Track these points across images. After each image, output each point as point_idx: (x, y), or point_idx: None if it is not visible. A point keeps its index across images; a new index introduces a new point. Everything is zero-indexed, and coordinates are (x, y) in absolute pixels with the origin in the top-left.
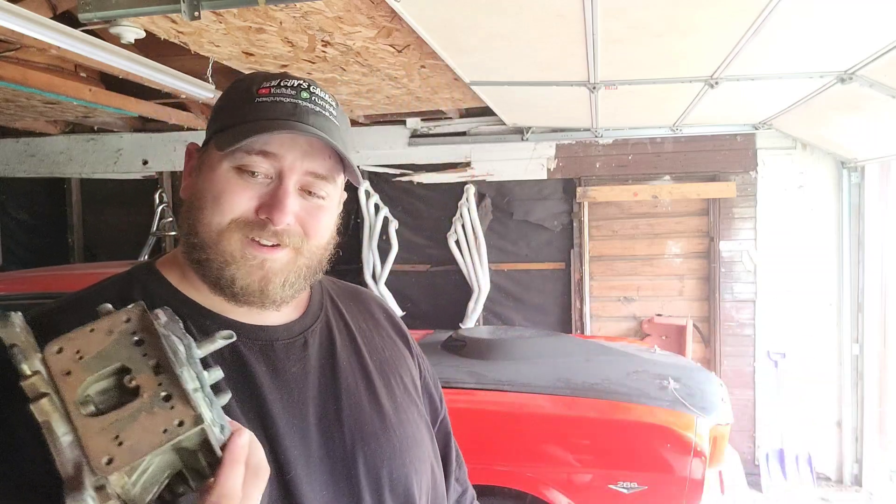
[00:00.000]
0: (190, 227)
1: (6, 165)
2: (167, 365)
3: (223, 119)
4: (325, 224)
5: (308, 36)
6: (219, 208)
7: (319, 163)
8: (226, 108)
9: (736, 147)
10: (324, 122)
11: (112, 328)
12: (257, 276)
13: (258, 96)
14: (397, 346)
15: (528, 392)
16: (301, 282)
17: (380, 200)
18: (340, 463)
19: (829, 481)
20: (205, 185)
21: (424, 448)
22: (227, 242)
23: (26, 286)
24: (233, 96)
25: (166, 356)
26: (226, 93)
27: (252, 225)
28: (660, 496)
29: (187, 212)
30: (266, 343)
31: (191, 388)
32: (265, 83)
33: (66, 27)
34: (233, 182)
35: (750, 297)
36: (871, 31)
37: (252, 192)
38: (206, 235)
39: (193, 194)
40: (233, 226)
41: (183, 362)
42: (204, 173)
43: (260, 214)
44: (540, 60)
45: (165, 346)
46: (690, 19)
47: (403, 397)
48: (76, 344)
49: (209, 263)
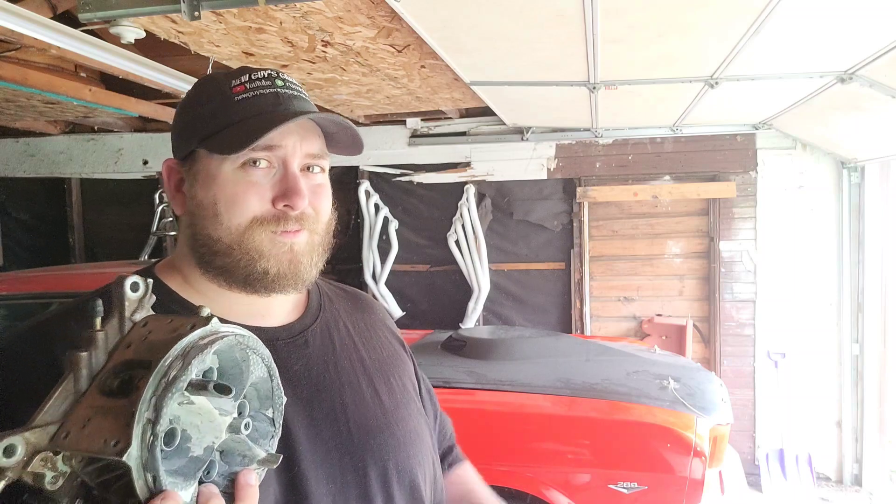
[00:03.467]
0: (206, 237)
1: (6, 165)
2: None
3: (207, 125)
4: (326, 200)
5: (308, 36)
6: (237, 210)
7: (314, 143)
8: (205, 115)
9: (736, 147)
10: (304, 104)
11: (177, 328)
12: (287, 260)
13: (235, 94)
14: (394, 347)
15: (528, 392)
16: (321, 259)
17: (380, 200)
18: (348, 456)
19: (829, 481)
20: (211, 192)
21: (426, 443)
22: (253, 239)
23: (26, 286)
24: (206, 101)
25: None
26: (193, 101)
27: (276, 219)
28: (660, 496)
29: (194, 224)
30: (267, 343)
31: (145, 417)
32: (234, 81)
33: (66, 27)
34: (242, 182)
35: (750, 297)
36: (871, 31)
37: (262, 186)
38: (230, 239)
39: (198, 206)
40: (255, 223)
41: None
42: (203, 182)
43: (277, 204)
44: (540, 60)
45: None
46: (690, 19)
47: (403, 394)
48: (154, 326)
49: (237, 264)
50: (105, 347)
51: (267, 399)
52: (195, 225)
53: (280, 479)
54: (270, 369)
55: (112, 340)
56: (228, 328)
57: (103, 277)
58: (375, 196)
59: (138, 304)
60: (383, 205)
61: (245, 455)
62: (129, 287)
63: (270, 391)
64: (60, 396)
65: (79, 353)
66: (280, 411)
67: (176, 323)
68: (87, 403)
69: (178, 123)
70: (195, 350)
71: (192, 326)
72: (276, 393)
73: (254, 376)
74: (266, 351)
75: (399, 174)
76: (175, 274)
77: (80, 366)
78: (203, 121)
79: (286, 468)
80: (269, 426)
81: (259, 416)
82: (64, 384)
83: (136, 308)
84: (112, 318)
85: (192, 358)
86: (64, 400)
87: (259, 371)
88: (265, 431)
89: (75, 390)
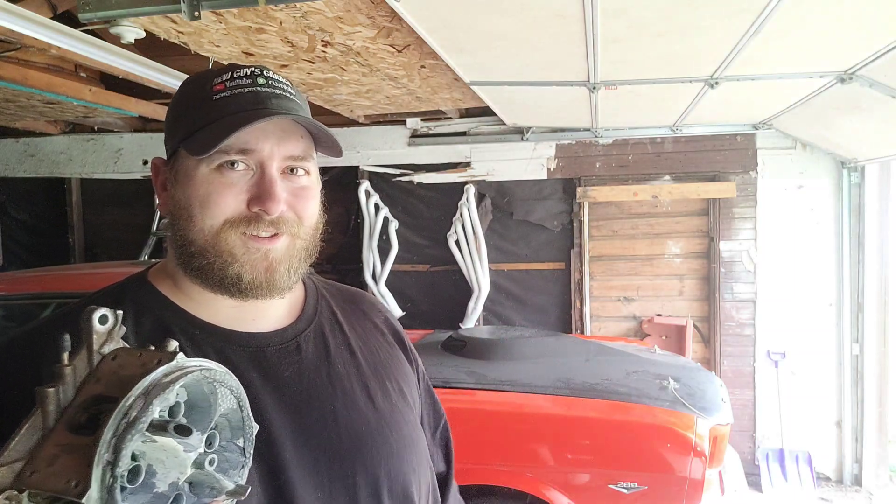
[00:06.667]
0: (182, 238)
1: (6, 165)
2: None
3: (186, 125)
4: (312, 204)
5: (308, 36)
6: (209, 211)
7: (294, 144)
8: (185, 114)
9: (736, 147)
10: (287, 103)
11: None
12: (262, 268)
13: (215, 93)
14: (394, 349)
15: (528, 392)
16: (303, 265)
17: (380, 200)
18: (337, 464)
19: (829, 481)
20: (187, 193)
21: (421, 450)
22: (226, 242)
23: (26, 286)
24: (187, 100)
25: (119, 417)
26: (177, 99)
27: (248, 220)
28: (660, 496)
29: (174, 225)
30: (257, 349)
31: (105, 459)
32: (216, 79)
33: (66, 27)
34: (216, 183)
35: (750, 297)
36: (871, 31)
37: (238, 187)
38: (203, 241)
39: (176, 206)
40: (227, 225)
41: (132, 434)
42: (182, 183)
43: (252, 208)
44: (540, 60)
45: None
46: (690, 19)
47: (399, 399)
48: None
49: (210, 267)
50: (73, 382)
51: (238, 429)
52: (175, 225)
53: (266, 488)
54: (241, 400)
55: (80, 374)
56: (194, 363)
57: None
58: (375, 196)
59: (107, 336)
60: (383, 205)
61: (213, 487)
62: (98, 320)
63: (241, 420)
64: (28, 432)
65: (46, 388)
66: (251, 441)
67: (145, 357)
68: (54, 440)
69: (166, 122)
70: (157, 388)
71: (157, 362)
72: (246, 423)
73: (223, 408)
74: (235, 382)
75: (399, 174)
76: (166, 278)
77: (47, 401)
78: (183, 120)
79: (272, 477)
80: (239, 456)
81: (230, 445)
82: (32, 420)
83: (104, 340)
84: (80, 351)
85: (154, 397)
86: (31, 436)
87: (228, 402)
88: (235, 462)
89: (43, 426)
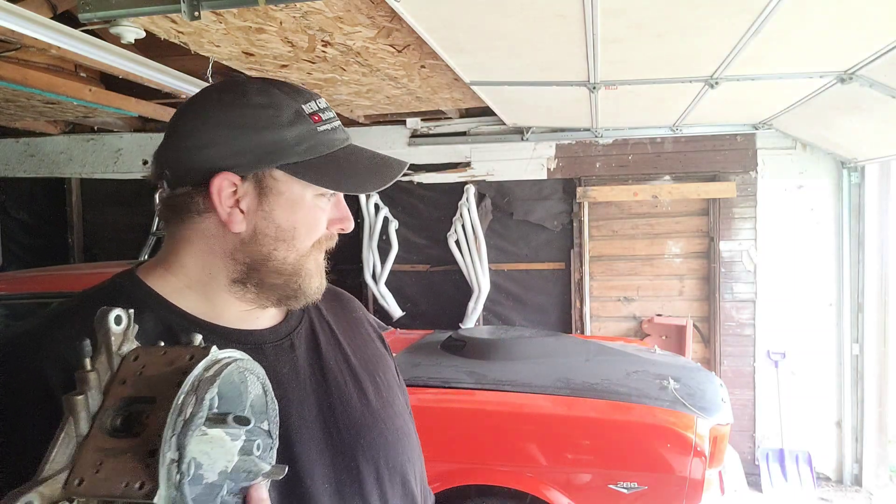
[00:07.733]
0: (266, 257)
1: (6, 165)
2: (174, 424)
3: (293, 150)
4: None
5: (308, 36)
6: (312, 235)
7: None
8: (290, 139)
9: (736, 147)
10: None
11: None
12: (321, 278)
13: (314, 123)
14: (376, 344)
15: (528, 392)
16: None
17: (380, 200)
18: (340, 456)
19: (829, 481)
20: (294, 217)
21: (413, 440)
22: (308, 261)
23: (26, 286)
24: (288, 124)
25: (175, 415)
26: (266, 118)
27: (325, 239)
28: (660, 496)
29: (256, 242)
30: (256, 346)
31: (169, 457)
32: (306, 107)
33: (66, 27)
34: (319, 210)
35: (750, 297)
36: (871, 31)
37: (327, 212)
38: (294, 260)
39: (277, 227)
40: (314, 246)
41: (192, 430)
42: (284, 206)
43: (332, 228)
44: (540, 60)
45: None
46: (690, 19)
47: (388, 392)
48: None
49: (287, 283)
50: (99, 386)
51: (262, 413)
52: (257, 243)
53: (278, 483)
54: (265, 385)
55: (103, 377)
56: (226, 354)
57: (103, 278)
58: (375, 196)
59: (123, 336)
60: (383, 205)
61: (250, 471)
62: (113, 321)
63: (265, 405)
64: (63, 442)
65: (75, 396)
66: (275, 423)
67: (171, 355)
68: (93, 446)
69: (240, 137)
70: (204, 383)
71: (191, 357)
72: (270, 406)
73: (251, 395)
74: (259, 368)
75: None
76: (162, 277)
77: (77, 409)
78: (287, 144)
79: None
80: (267, 438)
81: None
82: (66, 429)
83: (122, 341)
84: (100, 354)
85: (204, 392)
86: (67, 445)
87: (255, 389)
88: (265, 444)
89: (77, 434)
